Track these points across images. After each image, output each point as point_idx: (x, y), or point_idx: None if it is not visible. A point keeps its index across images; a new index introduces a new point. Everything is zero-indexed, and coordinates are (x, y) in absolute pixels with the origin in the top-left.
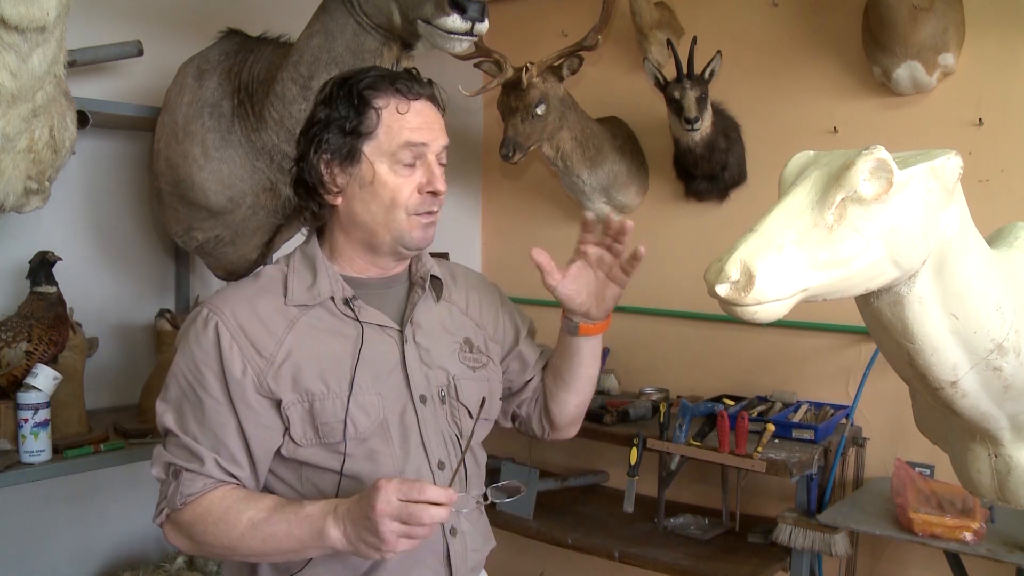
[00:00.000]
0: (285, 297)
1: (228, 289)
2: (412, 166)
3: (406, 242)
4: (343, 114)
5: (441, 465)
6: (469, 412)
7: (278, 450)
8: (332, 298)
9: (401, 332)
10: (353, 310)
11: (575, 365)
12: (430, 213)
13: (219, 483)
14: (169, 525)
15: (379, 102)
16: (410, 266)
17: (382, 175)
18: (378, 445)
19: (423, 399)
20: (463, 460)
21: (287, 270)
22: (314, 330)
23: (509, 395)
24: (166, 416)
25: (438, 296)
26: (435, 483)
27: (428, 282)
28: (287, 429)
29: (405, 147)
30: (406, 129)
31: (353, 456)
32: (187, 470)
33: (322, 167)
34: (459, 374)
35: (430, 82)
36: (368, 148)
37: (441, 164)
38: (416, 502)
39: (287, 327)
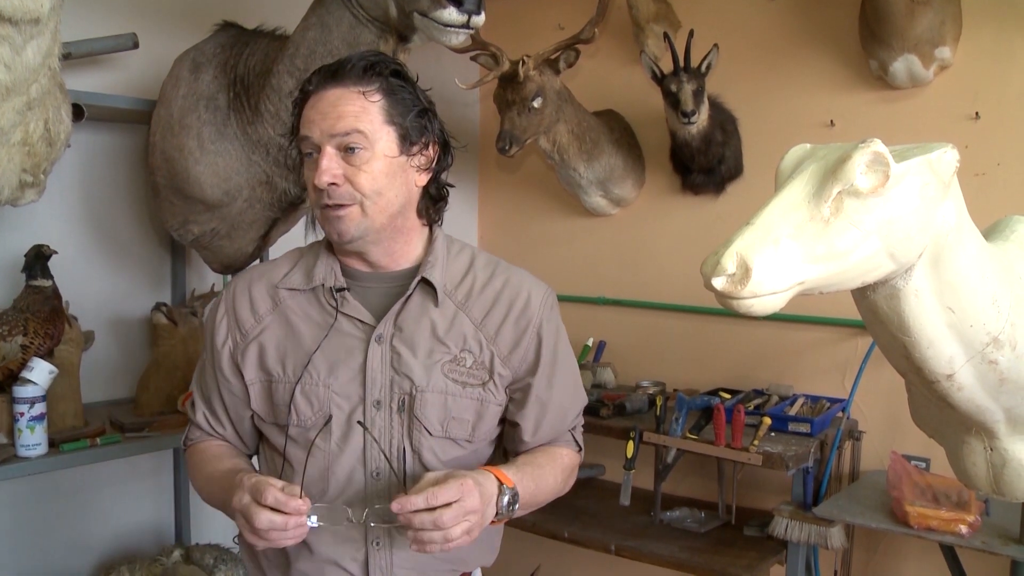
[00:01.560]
0: (281, 279)
1: (252, 267)
2: (314, 159)
3: (328, 235)
4: (294, 116)
5: (377, 474)
6: (427, 429)
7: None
8: (323, 285)
9: (374, 330)
10: (336, 301)
11: None
12: (335, 207)
13: (208, 436)
14: (185, 457)
15: (300, 103)
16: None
17: (304, 172)
18: (317, 438)
19: (377, 404)
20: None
21: (304, 254)
22: (293, 314)
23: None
24: (197, 368)
25: (436, 300)
26: (366, 494)
27: (417, 285)
28: (251, 403)
29: (301, 142)
30: (301, 125)
31: (294, 442)
32: (190, 417)
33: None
34: (432, 387)
35: (369, 65)
36: None
37: (351, 148)
38: (262, 505)
39: (271, 308)
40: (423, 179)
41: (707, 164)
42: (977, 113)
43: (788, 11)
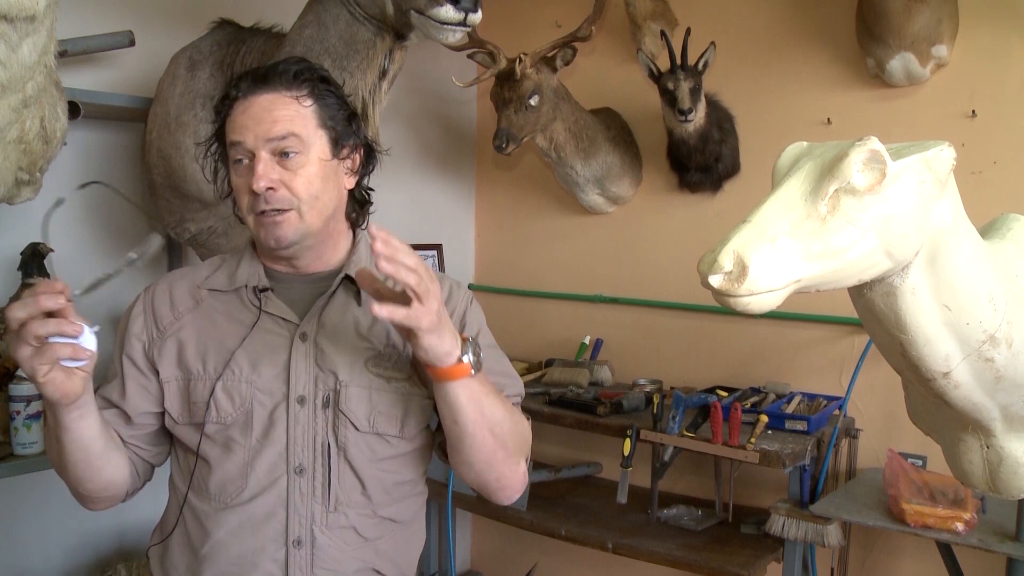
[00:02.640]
0: (204, 280)
1: (173, 271)
2: (246, 165)
3: (261, 242)
4: (216, 122)
5: (300, 470)
6: (354, 425)
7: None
8: (246, 286)
9: (298, 327)
10: (259, 300)
11: (447, 420)
12: (272, 212)
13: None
14: None
15: (227, 107)
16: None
17: (232, 179)
18: (236, 434)
19: (301, 400)
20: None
21: (227, 257)
22: (215, 313)
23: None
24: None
25: (360, 299)
26: (288, 491)
27: (340, 283)
28: (163, 400)
29: (231, 147)
30: (229, 129)
31: (211, 439)
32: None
33: (223, 173)
34: (357, 383)
35: (298, 71)
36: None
37: (285, 153)
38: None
39: (191, 307)
40: (351, 182)
41: (704, 162)
42: (974, 111)
43: (785, 9)
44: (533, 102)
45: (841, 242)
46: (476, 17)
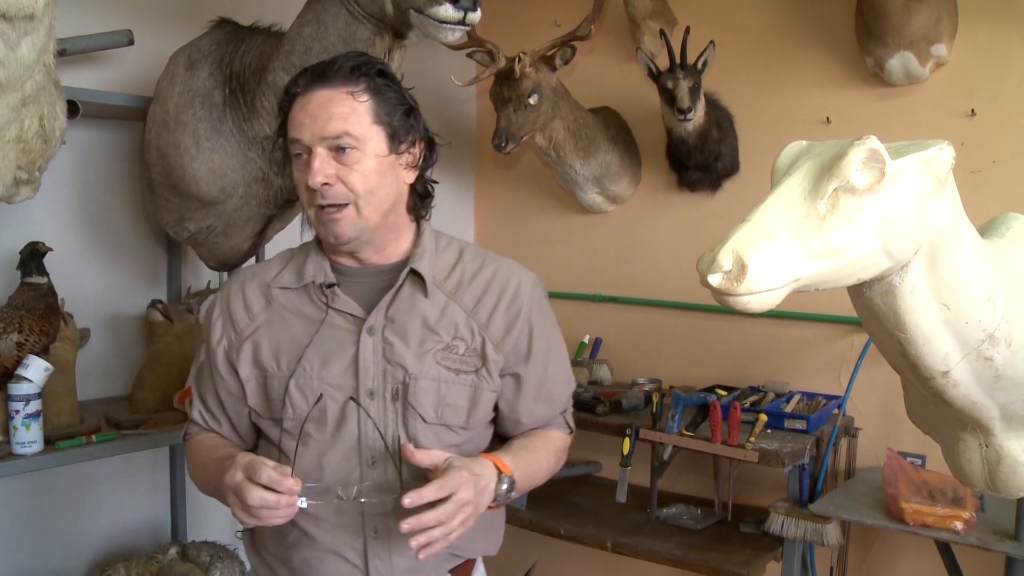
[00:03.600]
0: (274, 278)
1: (246, 268)
2: (305, 160)
3: (322, 238)
4: (280, 119)
5: (372, 462)
6: (422, 416)
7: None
8: (314, 282)
9: (365, 322)
10: (326, 296)
11: None
12: (330, 208)
13: (203, 430)
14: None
15: (288, 104)
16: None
17: (294, 174)
18: (312, 429)
19: (371, 394)
20: (399, 465)
21: (295, 252)
22: (286, 311)
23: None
24: (194, 364)
25: (426, 292)
26: (361, 479)
27: (406, 276)
28: (247, 400)
29: (291, 144)
30: (291, 126)
31: (290, 434)
32: (190, 416)
33: (287, 168)
34: (425, 375)
35: (357, 65)
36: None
37: (341, 148)
38: (255, 483)
39: (264, 306)
40: (411, 176)
41: (703, 161)
42: (973, 110)
43: (784, 8)
44: (532, 101)
45: (840, 241)
46: (475, 16)
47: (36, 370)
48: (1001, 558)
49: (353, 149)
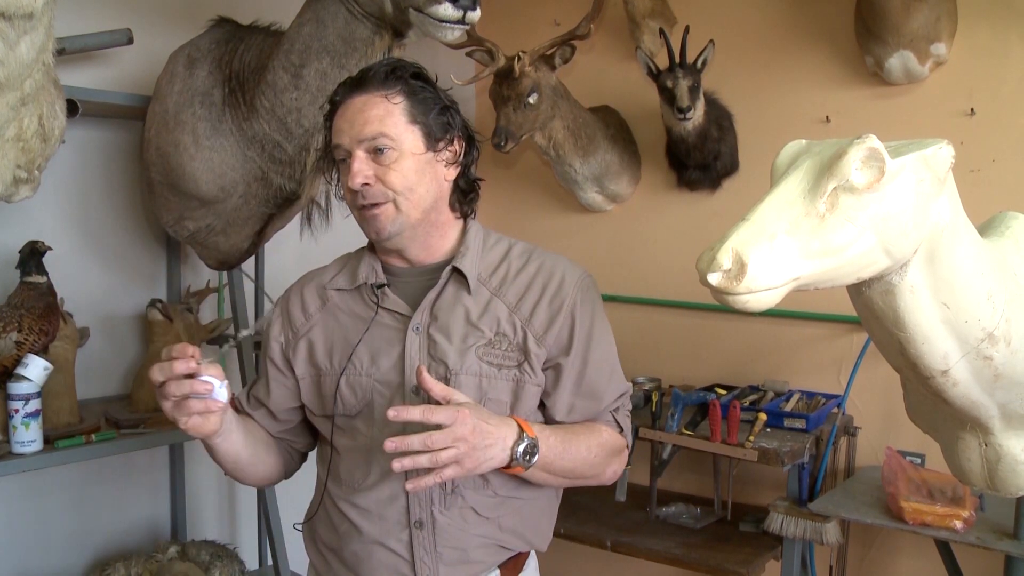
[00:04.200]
0: (330, 280)
1: (308, 272)
2: (347, 164)
3: (367, 235)
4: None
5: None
6: None
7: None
8: (366, 283)
9: (411, 321)
10: (377, 296)
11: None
12: (370, 206)
13: (237, 411)
14: None
15: (331, 115)
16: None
17: (341, 178)
18: (360, 425)
19: (416, 390)
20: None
21: (352, 255)
22: (340, 312)
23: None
24: None
25: (469, 288)
26: (407, 477)
27: (449, 274)
28: (301, 396)
29: (335, 150)
30: (333, 134)
31: (341, 430)
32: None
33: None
34: (467, 370)
35: (390, 70)
36: None
37: (379, 149)
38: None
39: (319, 307)
40: (452, 173)
41: (703, 160)
42: (972, 109)
43: (784, 7)
44: (532, 100)
45: (840, 240)
46: (475, 15)
47: (35, 369)
48: (1000, 557)
49: (390, 149)
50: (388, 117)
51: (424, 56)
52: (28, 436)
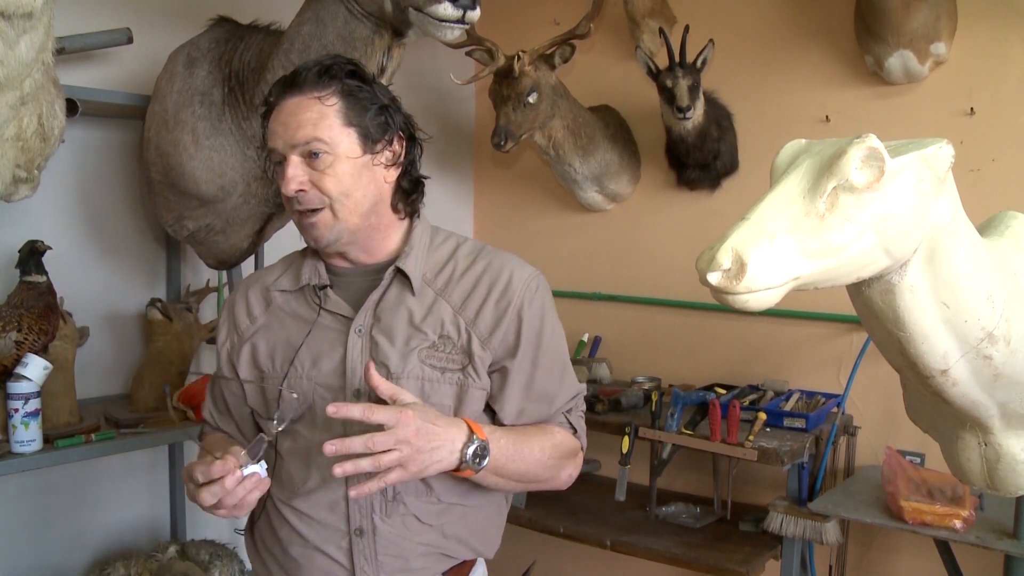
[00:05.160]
0: (274, 281)
1: (254, 273)
2: (281, 167)
3: (306, 242)
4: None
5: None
6: None
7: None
8: (309, 284)
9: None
10: (319, 297)
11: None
12: (308, 212)
13: (214, 429)
14: None
15: (267, 115)
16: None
17: (278, 182)
18: (302, 428)
19: (357, 393)
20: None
21: (296, 256)
22: (283, 314)
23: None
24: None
25: (413, 290)
26: (347, 483)
27: (392, 276)
28: (247, 401)
29: (270, 153)
30: (268, 136)
31: (283, 433)
32: (204, 415)
33: None
34: (408, 374)
35: (324, 69)
36: None
37: (314, 153)
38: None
39: (263, 309)
40: (392, 174)
41: (703, 160)
42: (972, 109)
43: (784, 7)
44: (531, 99)
45: (839, 239)
46: (474, 14)
47: (35, 369)
48: (1000, 556)
49: (324, 154)
50: (322, 120)
51: (424, 56)
52: (28, 436)
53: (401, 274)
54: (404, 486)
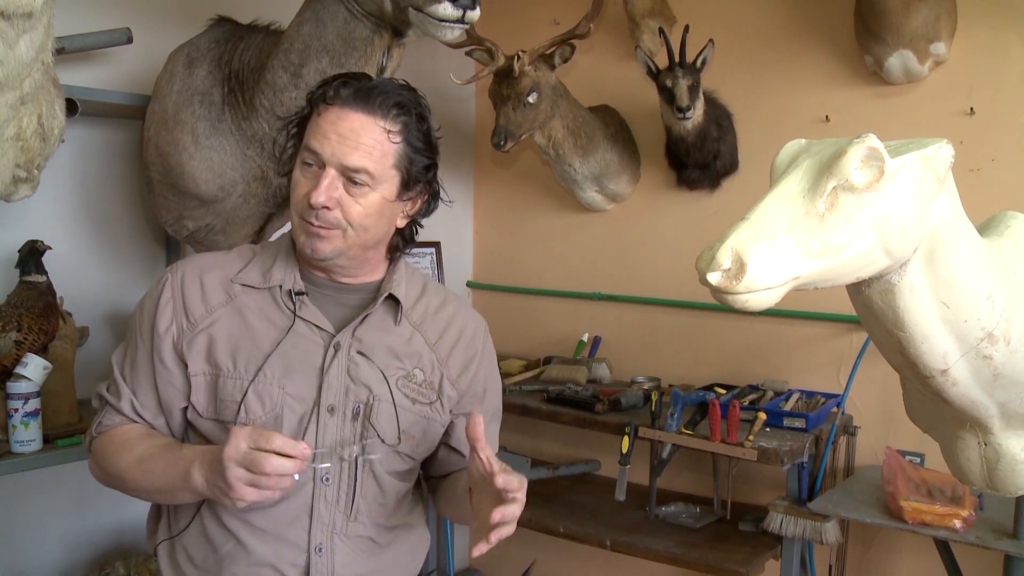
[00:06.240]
0: (236, 274)
1: (197, 255)
2: (312, 169)
3: (299, 246)
4: (302, 112)
5: (326, 479)
6: (381, 437)
7: (185, 413)
8: (280, 287)
9: (333, 337)
10: (294, 304)
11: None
12: (313, 223)
13: (131, 421)
14: (90, 453)
15: (317, 103)
16: (383, 280)
17: (294, 172)
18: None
19: (331, 409)
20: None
21: (258, 251)
22: (248, 311)
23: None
24: (116, 353)
25: (399, 318)
26: (313, 499)
27: (383, 300)
28: (189, 395)
29: (305, 149)
30: (313, 133)
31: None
32: (109, 404)
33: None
34: (385, 399)
35: (400, 103)
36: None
37: (355, 182)
38: (265, 451)
39: (224, 301)
40: (403, 222)
41: (702, 159)
42: (972, 109)
43: (784, 6)
44: (531, 99)
45: (839, 239)
46: (474, 14)
47: (35, 368)
48: (1000, 556)
49: (365, 185)
50: (381, 156)
51: (423, 56)
52: (27, 435)
53: (390, 300)
54: (367, 506)
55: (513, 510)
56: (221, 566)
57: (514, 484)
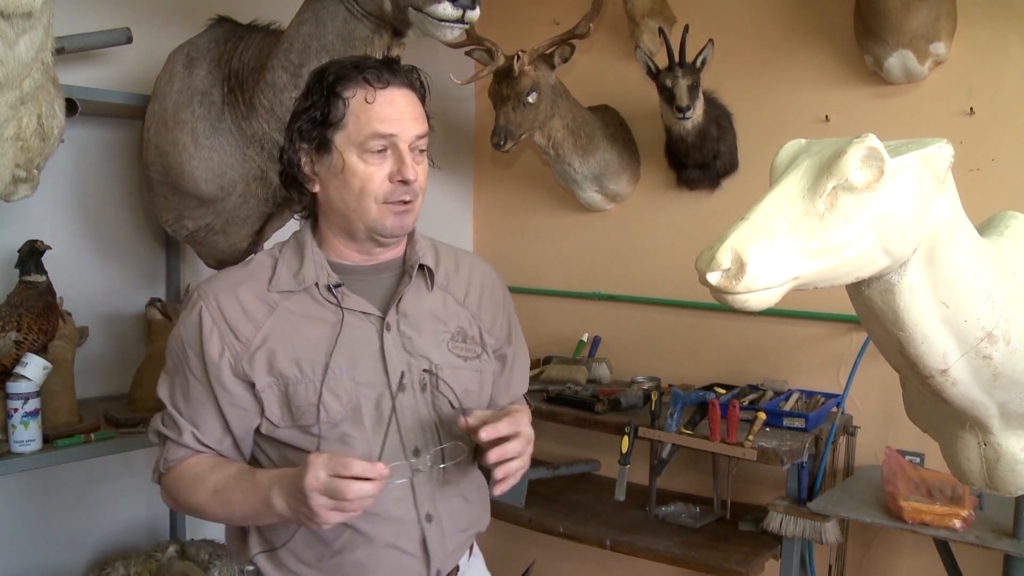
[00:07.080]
0: (269, 283)
1: (218, 275)
2: (383, 154)
3: (379, 230)
4: (315, 105)
5: (417, 452)
6: (451, 402)
7: (258, 428)
8: (316, 284)
9: (383, 319)
10: (336, 296)
11: None
12: (403, 202)
13: (196, 452)
14: (161, 486)
15: (347, 92)
16: (405, 252)
17: (351, 164)
18: (350, 429)
19: (402, 386)
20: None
21: (278, 256)
22: (294, 316)
23: None
24: (161, 388)
25: (431, 284)
26: (412, 470)
27: (416, 271)
28: (263, 410)
29: (373, 137)
30: (374, 120)
31: (327, 439)
32: (170, 439)
33: (301, 156)
34: (444, 363)
35: (411, 69)
36: (338, 138)
37: (420, 151)
38: (344, 477)
39: (267, 312)
40: None
41: (702, 159)
42: (972, 108)
43: (783, 6)
44: (531, 99)
45: (839, 239)
46: (474, 14)
47: (35, 368)
48: (999, 556)
49: (425, 151)
50: (424, 120)
51: (423, 55)
52: (27, 435)
53: (422, 270)
54: (452, 467)
55: (513, 446)
56: (340, 557)
57: (502, 431)
